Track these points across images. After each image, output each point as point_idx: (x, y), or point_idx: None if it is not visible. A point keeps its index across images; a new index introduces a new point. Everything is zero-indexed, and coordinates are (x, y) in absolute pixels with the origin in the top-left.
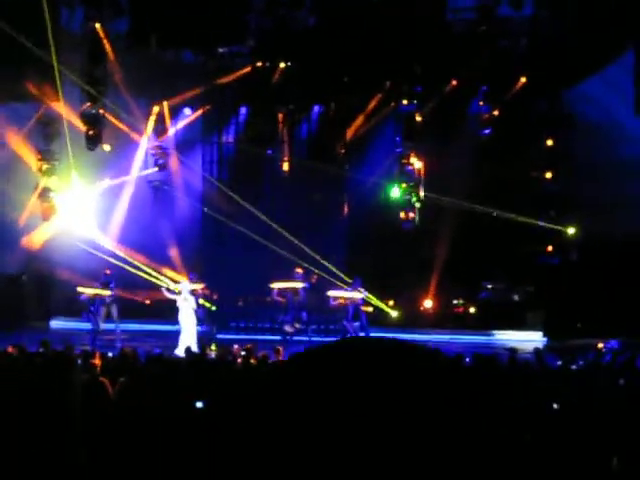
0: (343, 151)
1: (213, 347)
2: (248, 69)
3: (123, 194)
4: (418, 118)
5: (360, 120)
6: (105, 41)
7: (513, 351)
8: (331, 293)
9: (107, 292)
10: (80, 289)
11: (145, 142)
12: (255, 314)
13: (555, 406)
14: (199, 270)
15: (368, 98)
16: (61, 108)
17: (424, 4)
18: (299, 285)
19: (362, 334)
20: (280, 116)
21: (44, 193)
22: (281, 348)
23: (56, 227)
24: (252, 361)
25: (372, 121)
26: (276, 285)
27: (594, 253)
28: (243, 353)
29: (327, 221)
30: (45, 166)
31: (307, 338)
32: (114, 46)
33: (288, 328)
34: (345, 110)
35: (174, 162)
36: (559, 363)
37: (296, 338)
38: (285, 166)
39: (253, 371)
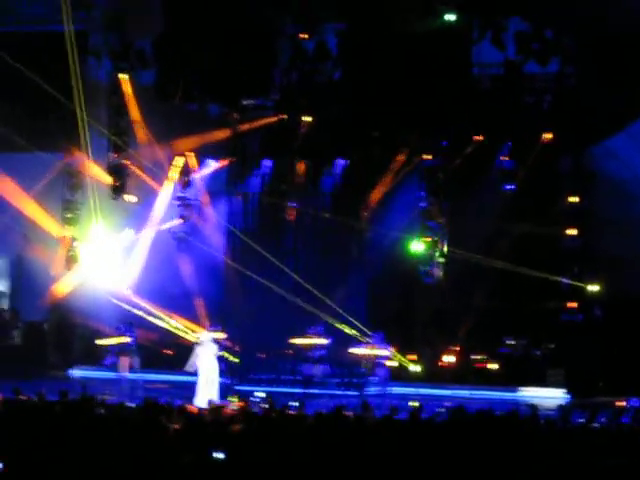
0: (366, 206)
1: (234, 399)
2: (272, 120)
3: (146, 245)
4: (442, 173)
5: (384, 175)
6: (131, 92)
7: (534, 408)
8: (354, 350)
9: (127, 339)
10: (99, 342)
11: (169, 193)
12: (276, 366)
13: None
14: (221, 322)
15: (392, 152)
16: (86, 158)
17: (450, 59)
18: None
19: (382, 389)
20: (303, 169)
21: (67, 243)
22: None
23: (80, 277)
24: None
25: (396, 176)
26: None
27: (617, 310)
28: (266, 405)
29: (349, 274)
30: (69, 215)
31: (328, 392)
32: (140, 97)
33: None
34: (369, 164)
35: (198, 213)
36: (582, 421)
37: (318, 391)
38: (307, 219)
39: (274, 423)
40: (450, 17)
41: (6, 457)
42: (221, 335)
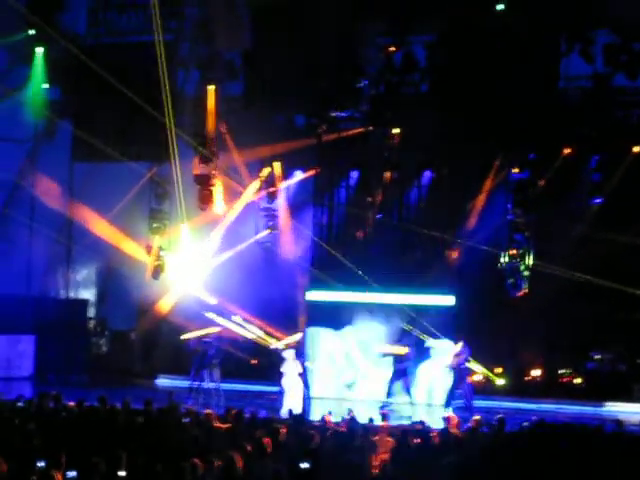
0: (454, 219)
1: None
2: (360, 131)
3: (234, 255)
4: (530, 186)
5: (472, 188)
6: (218, 103)
7: (619, 424)
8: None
9: (214, 329)
10: (185, 336)
11: (256, 203)
12: None
13: None
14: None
15: (480, 165)
16: (174, 168)
17: (537, 72)
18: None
19: (466, 402)
20: (390, 180)
21: (155, 252)
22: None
23: (178, 290)
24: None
25: (485, 189)
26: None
27: None
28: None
29: (435, 286)
30: (156, 225)
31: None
32: (227, 108)
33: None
34: (457, 177)
35: (285, 224)
36: None
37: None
38: (391, 231)
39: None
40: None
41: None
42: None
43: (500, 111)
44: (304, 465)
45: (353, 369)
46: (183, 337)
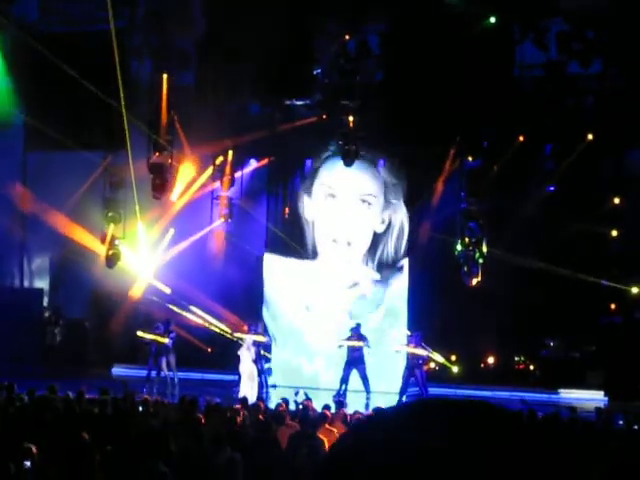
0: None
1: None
2: (314, 120)
3: (188, 243)
4: (483, 174)
5: (426, 176)
6: (172, 92)
7: (573, 410)
8: (397, 347)
9: (165, 340)
10: (140, 333)
11: (211, 192)
12: None
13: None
14: (262, 322)
15: (435, 153)
16: (128, 157)
17: (492, 60)
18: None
19: (420, 390)
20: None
21: (109, 241)
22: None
23: (133, 279)
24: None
25: (440, 177)
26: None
27: None
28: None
29: (390, 275)
30: (110, 214)
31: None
32: (181, 96)
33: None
34: (412, 165)
35: (239, 212)
36: (621, 423)
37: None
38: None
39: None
40: (491, 19)
41: (35, 454)
42: (261, 338)
43: (454, 99)
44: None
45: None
46: (139, 334)
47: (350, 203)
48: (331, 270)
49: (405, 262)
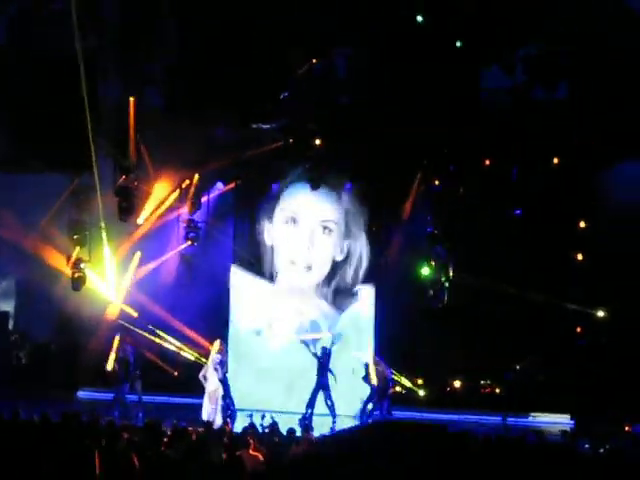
0: (377, 230)
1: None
2: (280, 144)
3: (154, 266)
4: (449, 198)
5: (394, 200)
6: (139, 114)
7: (539, 433)
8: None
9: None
10: (109, 365)
11: (177, 215)
12: None
13: None
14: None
15: (400, 177)
16: (95, 179)
17: (458, 84)
18: None
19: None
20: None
21: (75, 263)
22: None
23: (99, 302)
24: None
25: (407, 201)
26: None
27: (624, 336)
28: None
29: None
30: (76, 236)
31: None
32: (148, 119)
33: None
34: (378, 189)
35: (205, 235)
36: (587, 446)
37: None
38: None
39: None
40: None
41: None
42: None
43: (421, 123)
44: None
45: None
46: (108, 368)
47: (311, 228)
48: (286, 296)
49: (361, 288)
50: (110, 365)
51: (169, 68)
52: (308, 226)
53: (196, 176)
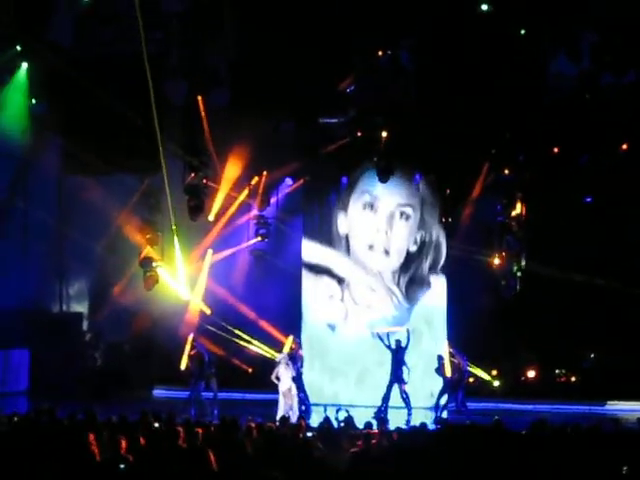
0: (446, 221)
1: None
2: (348, 137)
3: (226, 263)
4: (519, 187)
5: (464, 191)
6: (206, 113)
7: (616, 422)
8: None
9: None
10: (182, 364)
11: (247, 212)
12: None
13: None
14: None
15: (469, 167)
16: (164, 179)
17: (524, 72)
18: None
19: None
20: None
21: (147, 263)
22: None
23: (172, 300)
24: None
25: (476, 191)
26: None
27: None
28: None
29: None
30: (148, 236)
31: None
32: (216, 117)
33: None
34: (446, 180)
35: (276, 232)
36: None
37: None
38: None
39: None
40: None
41: None
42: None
43: (488, 112)
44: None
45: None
46: (182, 367)
47: (389, 212)
48: (360, 288)
49: (434, 279)
50: (184, 364)
51: (234, 65)
52: (386, 211)
53: (265, 173)
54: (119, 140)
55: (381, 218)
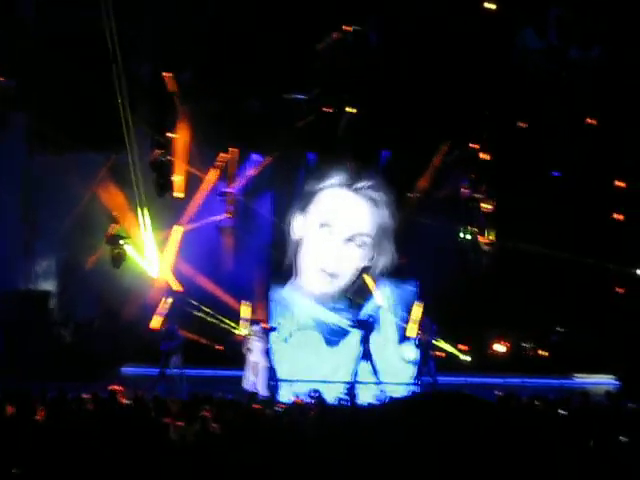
0: (411, 197)
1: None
2: (314, 116)
3: (194, 240)
4: (486, 161)
5: (429, 166)
6: (173, 89)
7: (584, 395)
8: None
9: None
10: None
11: (214, 189)
12: None
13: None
14: (267, 313)
15: (435, 143)
16: (131, 156)
17: (491, 47)
18: None
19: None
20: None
21: (114, 240)
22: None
23: (140, 277)
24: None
25: (441, 165)
26: None
27: None
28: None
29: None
30: (115, 213)
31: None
32: (183, 93)
33: None
34: (412, 155)
35: (242, 208)
36: (631, 406)
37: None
38: None
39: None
40: (490, 6)
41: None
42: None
43: (455, 87)
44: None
45: None
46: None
47: (344, 239)
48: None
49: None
50: (156, 323)
51: (201, 43)
52: (341, 237)
53: (232, 149)
54: (86, 118)
55: (336, 243)
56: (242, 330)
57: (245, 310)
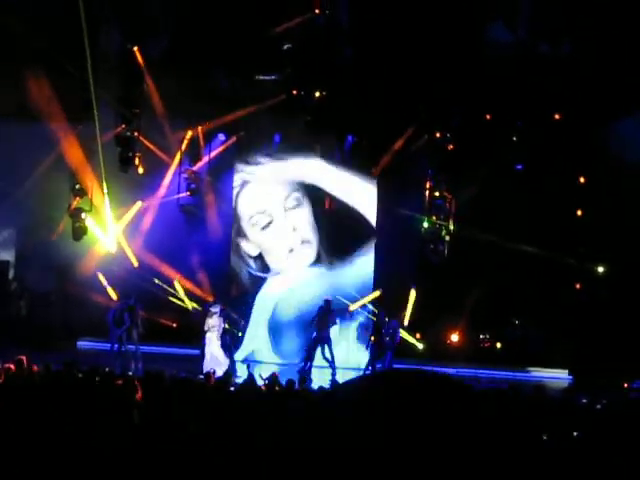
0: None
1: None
2: (283, 95)
3: (154, 217)
4: (451, 151)
5: (393, 151)
6: (141, 64)
7: (538, 388)
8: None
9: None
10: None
11: (178, 166)
12: None
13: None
14: (227, 295)
15: (401, 130)
16: (95, 129)
17: (461, 39)
18: None
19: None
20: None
21: (76, 213)
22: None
23: (99, 251)
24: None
25: (405, 153)
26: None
27: (624, 292)
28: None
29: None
30: (77, 186)
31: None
32: (151, 70)
33: None
34: (378, 141)
35: (207, 187)
36: (584, 401)
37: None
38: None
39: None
40: None
41: None
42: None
43: (423, 76)
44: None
45: None
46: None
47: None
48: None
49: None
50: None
51: (171, 16)
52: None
53: (199, 128)
54: (51, 88)
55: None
56: (199, 308)
57: (203, 288)
